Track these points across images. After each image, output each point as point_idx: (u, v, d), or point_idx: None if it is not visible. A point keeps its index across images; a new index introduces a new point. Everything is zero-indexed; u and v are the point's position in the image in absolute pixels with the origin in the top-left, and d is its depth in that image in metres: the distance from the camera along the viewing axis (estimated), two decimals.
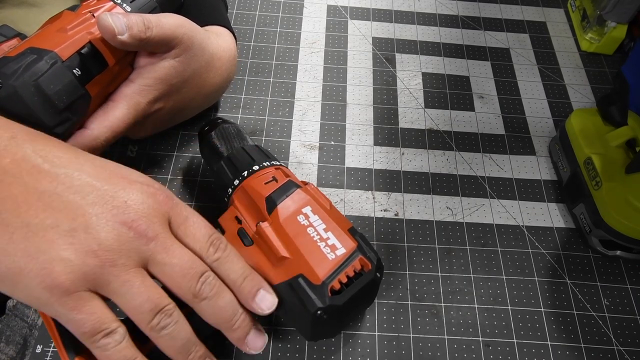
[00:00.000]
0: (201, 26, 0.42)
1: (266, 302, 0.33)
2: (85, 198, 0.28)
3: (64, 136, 0.35)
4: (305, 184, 0.38)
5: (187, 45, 0.39)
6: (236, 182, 0.38)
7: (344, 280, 0.33)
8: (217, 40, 0.44)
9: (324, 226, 0.35)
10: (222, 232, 0.37)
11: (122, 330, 0.28)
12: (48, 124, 0.33)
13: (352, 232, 0.36)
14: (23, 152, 0.28)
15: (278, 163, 0.40)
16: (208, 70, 0.43)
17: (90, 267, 0.27)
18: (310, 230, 0.34)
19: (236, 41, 0.49)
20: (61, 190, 0.28)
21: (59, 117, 0.34)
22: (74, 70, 0.34)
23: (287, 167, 0.41)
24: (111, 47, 0.36)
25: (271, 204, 0.35)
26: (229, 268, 0.32)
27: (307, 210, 0.35)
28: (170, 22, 0.37)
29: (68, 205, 0.27)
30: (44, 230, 0.27)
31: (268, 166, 0.38)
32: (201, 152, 0.44)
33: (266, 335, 0.34)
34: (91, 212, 0.28)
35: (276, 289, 0.34)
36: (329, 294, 0.32)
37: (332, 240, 0.34)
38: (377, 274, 0.35)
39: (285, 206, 0.35)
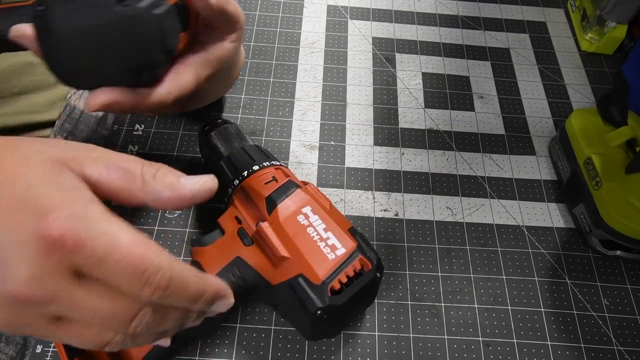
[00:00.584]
0: None
1: (220, 307, 0.29)
2: None
3: (153, 81, 0.34)
4: (305, 184, 0.38)
5: (241, 34, 0.40)
6: (236, 182, 0.38)
7: (344, 280, 0.33)
8: None
9: (323, 226, 0.35)
10: (222, 232, 0.37)
11: None
12: (156, 60, 0.32)
13: (352, 232, 0.36)
14: None
15: (278, 163, 0.40)
16: (238, 64, 0.44)
17: (12, 329, 0.25)
18: (310, 230, 0.34)
19: None
20: None
21: (164, 57, 0.33)
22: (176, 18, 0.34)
23: (287, 167, 0.41)
24: (194, 11, 0.36)
25: (271, 203, 0.35)
26: (175, 301, 0.26)
27: (307, 210, 0.35)
28: (237, 6, 0.38)
29: None
30: None
31: (268, 166, 0.39)
32: (201, 152, 0.44)
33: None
34: None
35: (276, 288, 0.34)
36: (329, 294, 0.32)
37: (332, 240, 0.34)
38: (377, 273, 0.35)
39: (285, 206, 0.35)
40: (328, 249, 0.34)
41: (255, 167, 0.38)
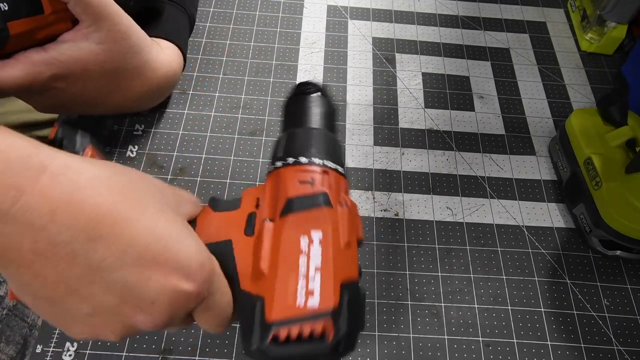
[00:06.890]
0: (150, 36, 0.42)
1: None
2: (106, 292, 0.26)
3: None
4: (349, 204, 0.32)
5: (115, 38, 0.38)
6: (278, 163, 0.33)
7: (294, 335, 0.27)
8: (158, 52, 0.44)
9: (318, 264, 0.29)
10: (239, 206, 0.33)
11: None
12: None
13: (346, 288, 0.29)
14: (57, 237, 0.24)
15: (333, 166, 0.33)
16: (135, 75, 0.42)
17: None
18: (302, 259, 0.29)
19: (185, 62, 0.49)
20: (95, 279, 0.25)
21: None
22: (2, 4, 0.33)
23: (343, 176, 0.34)
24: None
25: (288, 207, 0.30)
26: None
27: (316, 235, 0.30)
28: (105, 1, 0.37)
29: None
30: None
31: (316, 164, 0.32)
32: (286, 105, 0.37)
33: None
34: (104, 306, 0.26)
35: (240, 292, 0.31)
36: (269, 339, 0.27)
37: (315, 284, 0.28)
38: (337, 348, 0.28)
39: (298, 218, 0.30)
40: (303, 291, 0.28)
41: (303, 160, 0.32)
